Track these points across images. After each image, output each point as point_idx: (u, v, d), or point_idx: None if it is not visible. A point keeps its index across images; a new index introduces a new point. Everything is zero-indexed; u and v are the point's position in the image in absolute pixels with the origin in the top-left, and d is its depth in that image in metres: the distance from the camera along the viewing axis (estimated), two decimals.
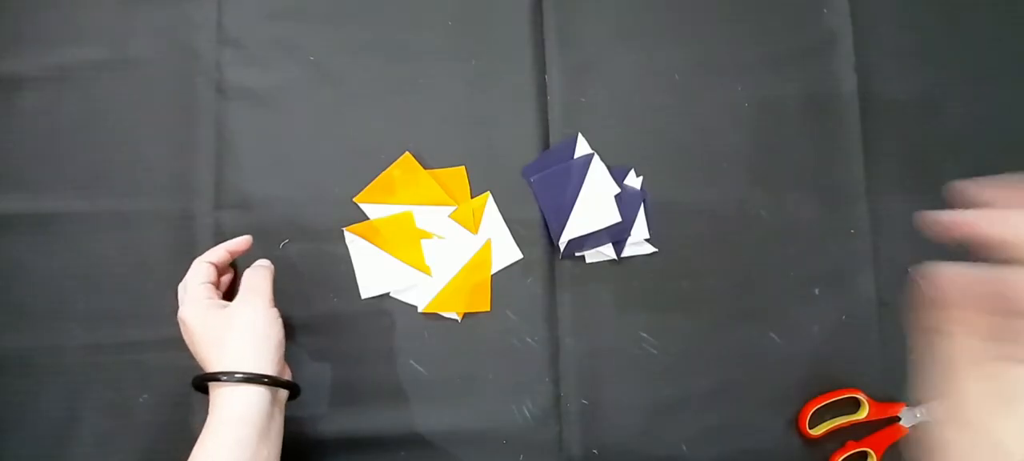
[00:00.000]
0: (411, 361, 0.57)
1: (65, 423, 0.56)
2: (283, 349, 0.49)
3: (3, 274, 0.58)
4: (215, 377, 0.46)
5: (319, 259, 0.58)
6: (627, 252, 0.60)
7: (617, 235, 0.59)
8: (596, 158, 0.60)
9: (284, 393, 0.49)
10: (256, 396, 0.45)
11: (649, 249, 0.60)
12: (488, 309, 0.59)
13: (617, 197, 0.59)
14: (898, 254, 0.61)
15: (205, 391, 0.47)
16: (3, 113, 0.59)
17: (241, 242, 0.54)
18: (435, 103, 0.61)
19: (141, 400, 0.57)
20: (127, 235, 0.58)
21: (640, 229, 0.60)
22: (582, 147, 0.60)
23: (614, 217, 0.59)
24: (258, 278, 0.51)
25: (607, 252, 0.60)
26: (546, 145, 0.61)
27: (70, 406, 0.57)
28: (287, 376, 0.50)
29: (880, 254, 0.61)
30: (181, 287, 0.51)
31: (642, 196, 0.60)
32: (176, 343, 0.57)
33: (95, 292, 0.58)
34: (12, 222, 0.58)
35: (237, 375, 0.45)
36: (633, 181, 0.61)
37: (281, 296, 0.57)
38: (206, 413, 0.46)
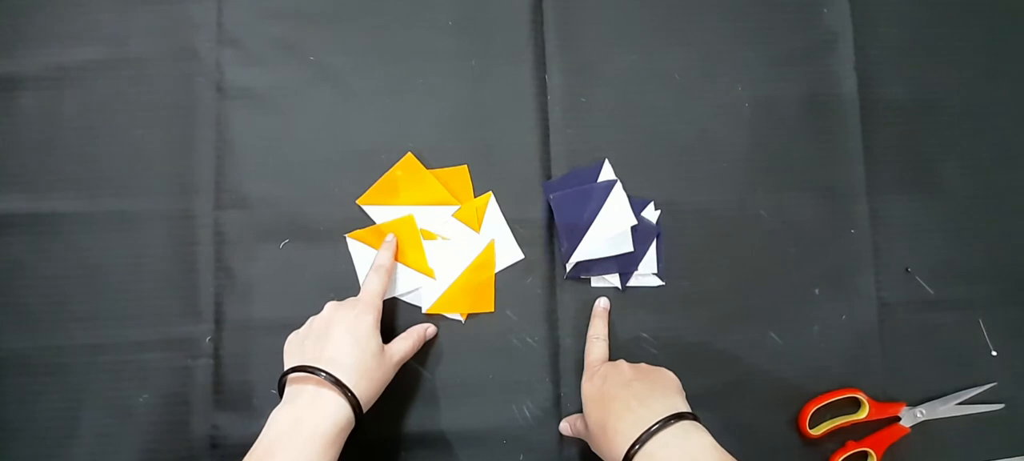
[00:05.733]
0: (412, 361, 0.57)
1: (65, 423, 0.56)
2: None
3: (3, 274, 0.58)
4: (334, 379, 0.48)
5: (319, 259, 0.58)
6: (632, 283, 0.59)
7: (625, 266, 0.59)
8: (618, 185, 0.59)
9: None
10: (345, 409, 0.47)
11: (656, 283, 0.60)
12: (492, 309, 0.59)
13: (632, 229, 0.58)
14: (898, 254, 0.61)
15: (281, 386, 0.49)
16: (3, 113, 0.59)
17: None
18: (435, 103, 0.61)
19: (141, 400, 0.57)
20: (127, 235, 0.58)
21: (649, 263, 0.59)
22: (606, 172, 0.60)
23: (626, 247, 0.58)
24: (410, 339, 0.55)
25: (612, 280, 0.59)
26: (546, 145, 0.61)
27: (70, 406, 0.57)
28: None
29: (880, 254, 0.61)
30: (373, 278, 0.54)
31: (656, 231, 0.60)
32: (176, 343, 0.57)
33: (95, 292, 0.58)
34: (12, 222, 0.58)
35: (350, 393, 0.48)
36: (650, 214, 0.60)
37: (281, 296, 0.58)
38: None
